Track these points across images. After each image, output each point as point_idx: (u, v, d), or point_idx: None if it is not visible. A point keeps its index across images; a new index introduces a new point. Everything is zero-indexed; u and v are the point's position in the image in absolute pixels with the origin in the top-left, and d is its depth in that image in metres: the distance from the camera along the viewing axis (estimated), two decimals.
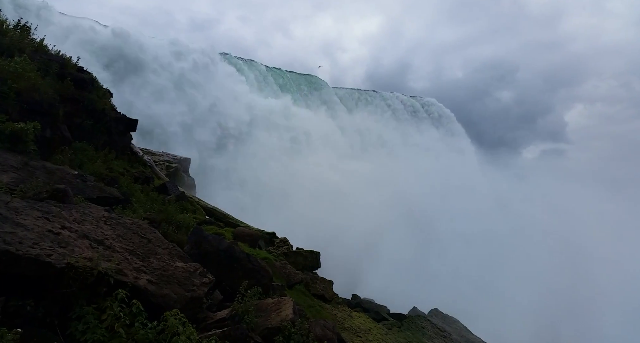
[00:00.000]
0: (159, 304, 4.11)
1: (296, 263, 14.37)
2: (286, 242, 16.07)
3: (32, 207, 4.36)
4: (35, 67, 9.14)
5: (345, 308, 14.14)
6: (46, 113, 8.42)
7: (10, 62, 8.09)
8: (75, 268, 3.48)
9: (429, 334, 16.73)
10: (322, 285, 14.19)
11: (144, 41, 43.74)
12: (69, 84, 10.80)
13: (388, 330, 14.86)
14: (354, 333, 12.29)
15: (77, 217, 4.75)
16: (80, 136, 10.84)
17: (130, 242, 4.92)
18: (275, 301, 5.80)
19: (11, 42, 9.77)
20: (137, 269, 4.31)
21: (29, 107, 7.89)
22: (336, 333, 6.23)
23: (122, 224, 5.32)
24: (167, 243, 5.59)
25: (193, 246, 6.61)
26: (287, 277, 11.99)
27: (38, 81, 8.63)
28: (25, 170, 6.23)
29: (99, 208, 5.52)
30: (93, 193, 7.08)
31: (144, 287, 4.07)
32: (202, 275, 5.15)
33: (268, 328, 5.06)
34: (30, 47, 10.54)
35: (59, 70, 10.74)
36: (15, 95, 7.62)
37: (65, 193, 5.23)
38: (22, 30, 11.05)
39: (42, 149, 7.52)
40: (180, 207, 11.91)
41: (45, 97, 8.53)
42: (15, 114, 7.36)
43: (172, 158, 25.16)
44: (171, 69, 44.07)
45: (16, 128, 6.60)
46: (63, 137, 9.13)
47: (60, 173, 6.97)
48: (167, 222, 8.31)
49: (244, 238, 12.28)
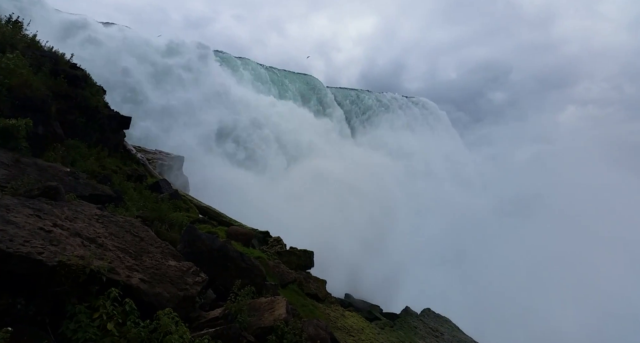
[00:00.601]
0: (152, 303, 4.09)
1: (290, 262, 14.36)
2: (280, 241, 16.05)
3: (24, 205, 4.32)
4: (27, 63, 9.04)
5: (338, 308, 14.18)
6: (38, 109, 8.33)
7: (2, 58, 8.00)
8: (67, 266, 3.46)
9: (421, 333, 16.82)
10: (315, 284, 14.21)
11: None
12: (62, 81, 10.70)
13: (381, 330, 14.92)
14: (347, 332, 12.33)
15: (69, 215, 4.71)
16: (73, 133, 10.75)
17: (123, 241, 4.90)
18: (269, 300, 5.80)
19: (3, 37, 9.66)
20: (129, 268, 4.29)
21: (21, 103, 7.81)
22: (329, 333, 6.24)
23: (115, 222, 5.29)
24: (160, 242, 5.57)
25: (186, 245, 6.58)
26: (280, 276, 11.99)
27: (30, 77, 8.54)
28: (17, 167, 6.17)
29: (91, 206, 5.48)
30: (85, 191, 7.03)
31: (137, 286, 4.05)
32: (195, 274, 5.14)
33: (261, 327, 5.06)
34: (23, 43, 10.42)
35: (51, 67, 10.64)
36: (6, 91, 7.54)
37: (57, 190, 5.18)
38: (14, 26, 10.93)
39: (34, 146, 7.44)
40: (173, 205, 11.85)
41: (38, 93, 8.44)
42: (6, 110, 7.29)
43: (165, 156, 25.02)
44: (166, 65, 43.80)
45: (8, 124, 6.52)
46: (55, 134, 9.04)
47: (52, 170, 6.91)
48: (160, 221, 8.26)
49: (238, 237, 12.25)
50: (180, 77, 44.15)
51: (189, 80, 44.87)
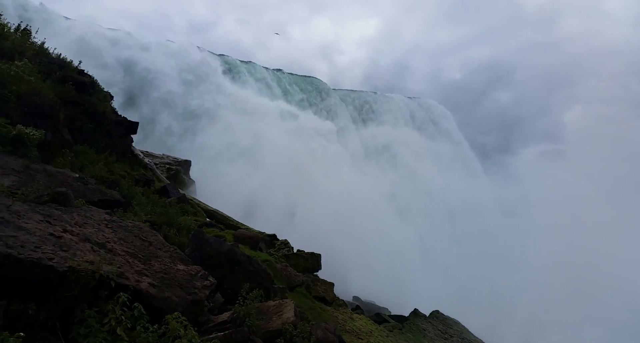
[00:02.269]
0: (161, 307, 4.11)
1: (297, 265, 14.37)
2: (287, 244, 16.07)
3: (34, 211, 4.36)
4: (36, 70, 9.17)
5: (346, 311, 14.13)
6: (47, 116, 8.43)
7: (11, 66, 8.11)
8: (77, 271, 3.49)
9: (430, 336, 16.71)
10: (323, 287, 14.18)
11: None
12: (70, 87, 10.81)
13: (389, 332, 14.84)
14: (356, 335, 12.28)
15: (79, 220, 4.76)
16: (81, 139, 10.84)
17: (132, 245, 4.93)
18: (277, 304, 5.80)
19: (12, 45, 9.80)
20: (138, 272, 4.32)
21: (30, 110, 7.90)
22: (337, 336, 6.22)
23: (124, 227, 5.33)
24: (169, 246, 5.60)
25: (194, 249, 6.61)
26: (288, 279, 11.98)
27: (39, 84, 8.65)
28: (27, 173, 6.24)
29: (100, 211, 5.53)
30: (94, 196, 7.09)
31: (146, 290, 4.07)
32: (204, 278, 5.15)
33: (269, 331, 5.06)
34: (31, 51, 10.56)
35: (60, 74, 10.77)
36: (16, 98, 7.64)
37: (66, 196, 5.24)
38: (22, 33, 11.09)
39: (43, 152, 7.52)
40: (181, 209, 11.91)
41: (46, 100, 8.54)
42: (16, 118, 7.37)
43: (172, 160, 25.19)
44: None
45: (23, 132, 6.59)
46: (64, 140, 9.14)
47: (61, 176, 6.98)
48: (168, 225, 8.30)
49: (245, 241, 12.28)
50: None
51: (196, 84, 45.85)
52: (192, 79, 45.98)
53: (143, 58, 42.86)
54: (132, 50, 42.77)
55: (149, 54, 44.20)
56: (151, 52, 44.60)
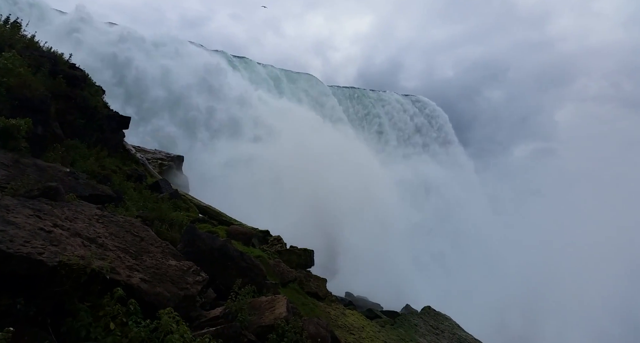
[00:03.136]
0: (152, 302, 4.10)
1: (290, 261, 14.38)
2: (280, 240, 16.07)
3: (24, 205, 4.32)
4: (25, 63, 9.02)
5: (338, 306, 14.21)
6: (37, 110, 8.32)
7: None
8: (67, 266, 3.46)
9: (422, 331, 16.86)
10: (315, 283, 14.23)
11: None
12: (61, 81, 10.68)
13: (381, 328, 14.94)
14: (347, 330, 12.35)
15: (69, 215, 4.71)
16: (73, 133, 10.73)
17: (123, 240, 4.90)
18: (269, 299, 5.80)
19: (1, 38, 9.63)
20: (130, 267, 4.30)
21: (20, 103, 7.79)
22: (330, 331, 6.25)
23: (115, 222, 5.29)
24: (160, 242, 5.57)
25: (186, 244, 6.59)
26: (280, 275, 12.00)
27: (29, 77, 8.52)
28: (16, 167, 6.16)
29: (91, 206, 5.48)
30: (85, 191, 7.02)
31: (137, 286, 4.05)
32: (196, 273, 5.14)
33: (262, 326, 5.07)
34: (21, 44, 10.39)
35: (50, 67, 10.61)
36: (5, 91, 7.52)
37: (57, 191, 5.18)
38: (12, 26, 10.90)
39: (33, 146, 7.42)
40: (173, 205, 11.86)
41: (37, 93, 8.42)
42: (5, 111, 7.26)
43: (165, 156, 24.99)
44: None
45: (8, 124, 6.49)
46: (55, 134, 9.04)
47: (52, 170, 6.90)
48: (160, 220, 8.26)
49: (238, 237, 12.26)
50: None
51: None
52: (191, 77, 45.54)
53: (138, 54, 42.33)
54: (127, 44, 42.22)
55: (145, 49, 43.68)
56: (148, 48, 44.09)
